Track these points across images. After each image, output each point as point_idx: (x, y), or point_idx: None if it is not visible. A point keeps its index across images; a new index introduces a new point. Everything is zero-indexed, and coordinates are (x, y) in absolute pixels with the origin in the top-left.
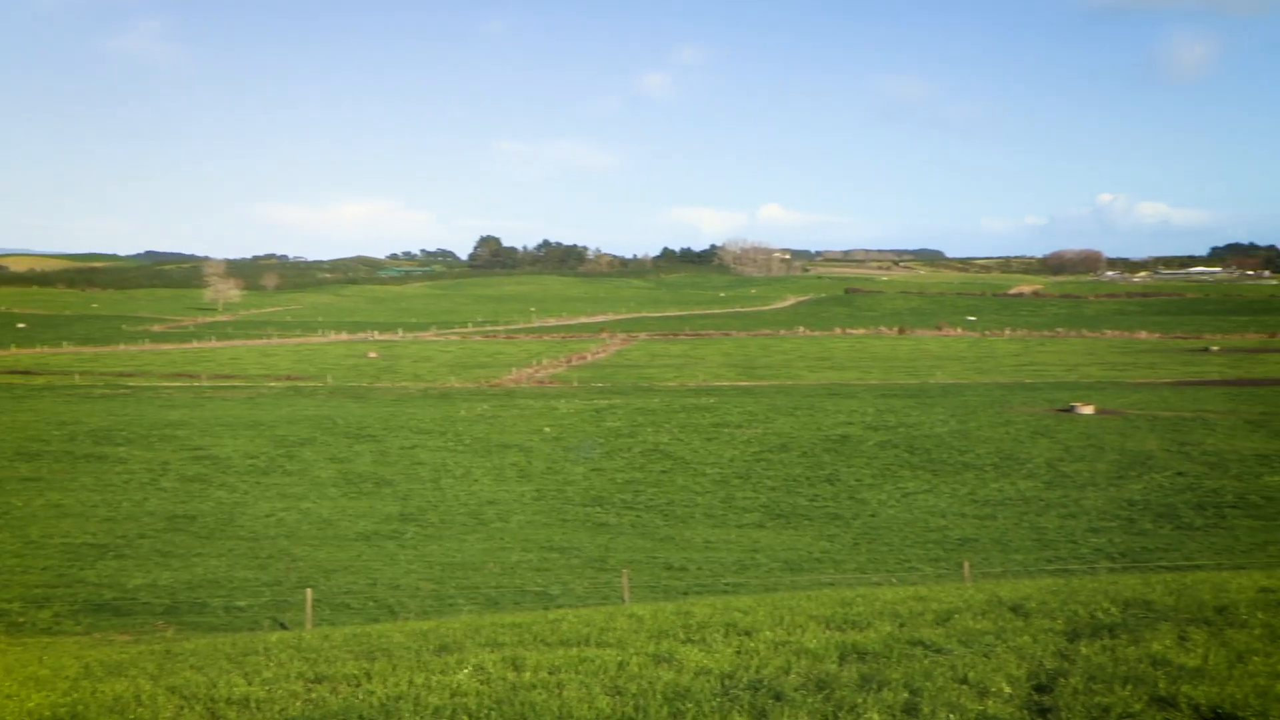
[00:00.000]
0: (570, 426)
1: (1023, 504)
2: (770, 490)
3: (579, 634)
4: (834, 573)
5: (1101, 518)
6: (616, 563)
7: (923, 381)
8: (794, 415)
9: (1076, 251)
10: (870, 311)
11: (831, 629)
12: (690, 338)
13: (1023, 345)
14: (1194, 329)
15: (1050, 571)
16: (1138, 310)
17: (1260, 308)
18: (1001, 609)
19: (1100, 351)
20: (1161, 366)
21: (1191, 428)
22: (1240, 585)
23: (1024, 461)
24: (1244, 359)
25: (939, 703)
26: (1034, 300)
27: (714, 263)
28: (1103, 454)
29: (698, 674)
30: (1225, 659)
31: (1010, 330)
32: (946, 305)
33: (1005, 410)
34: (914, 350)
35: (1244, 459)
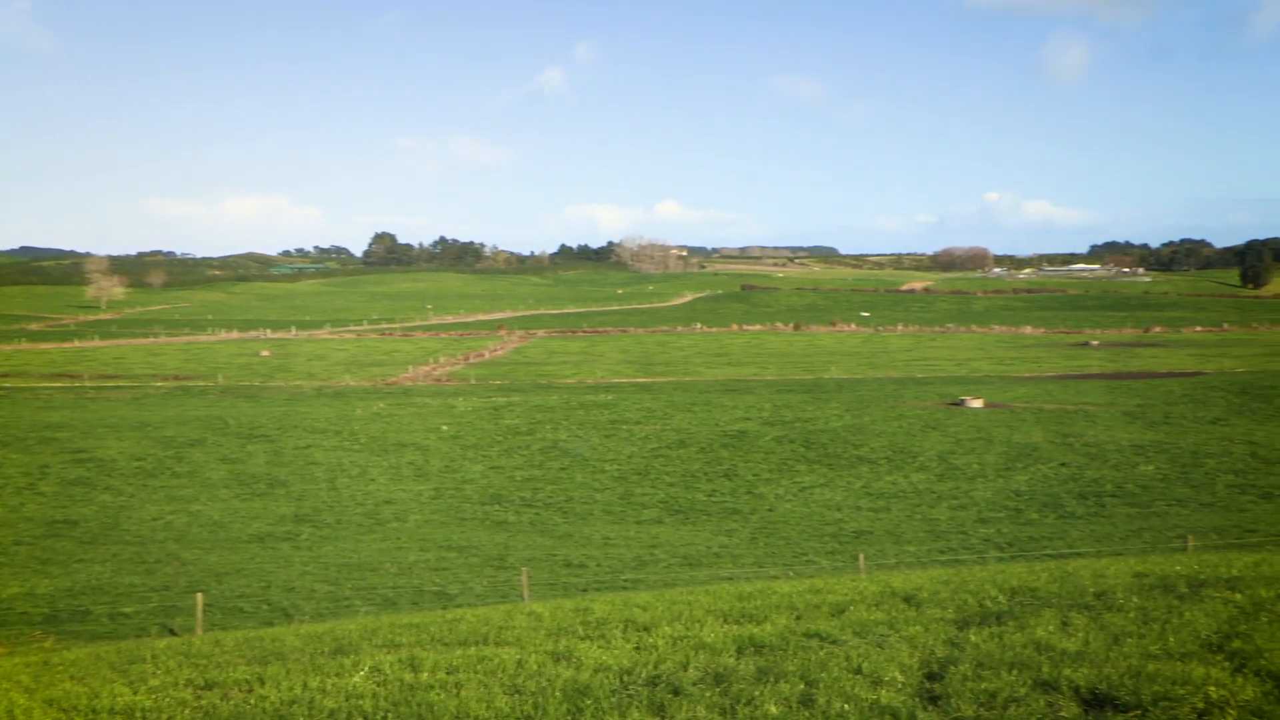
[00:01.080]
0: (468, 425)
1: (915, 496)
2: (669, 486)
3: (477, 633)
4: (732, 567)
5: (990, 508)
6: (515, 561)
7: (818, 377)
8: (692, 411)
9: (965, 249)
10: (766, 308)
11: (729, 623)
12: (588, 335)
13: (914, 340)
14: (1075, 324)
15: (942, 562)
16: (1023, 306)
17: (1135, 304)
18: (895, 600)
19: (988, 346)
20: (1046, 361)
21: (1074, 420)
22: (1117, 571)
23: (916, 455)
24: (1121, 353)
25: (834, 693)
26: (925, 296)
27: (612, 260)
28: (991, 446)
29: (597, 671)
30: (1103, 642)
31: (902, 326)
32: (841, 301)
33: (898, 405)
34: (809, 346)
35: (1122, 449)
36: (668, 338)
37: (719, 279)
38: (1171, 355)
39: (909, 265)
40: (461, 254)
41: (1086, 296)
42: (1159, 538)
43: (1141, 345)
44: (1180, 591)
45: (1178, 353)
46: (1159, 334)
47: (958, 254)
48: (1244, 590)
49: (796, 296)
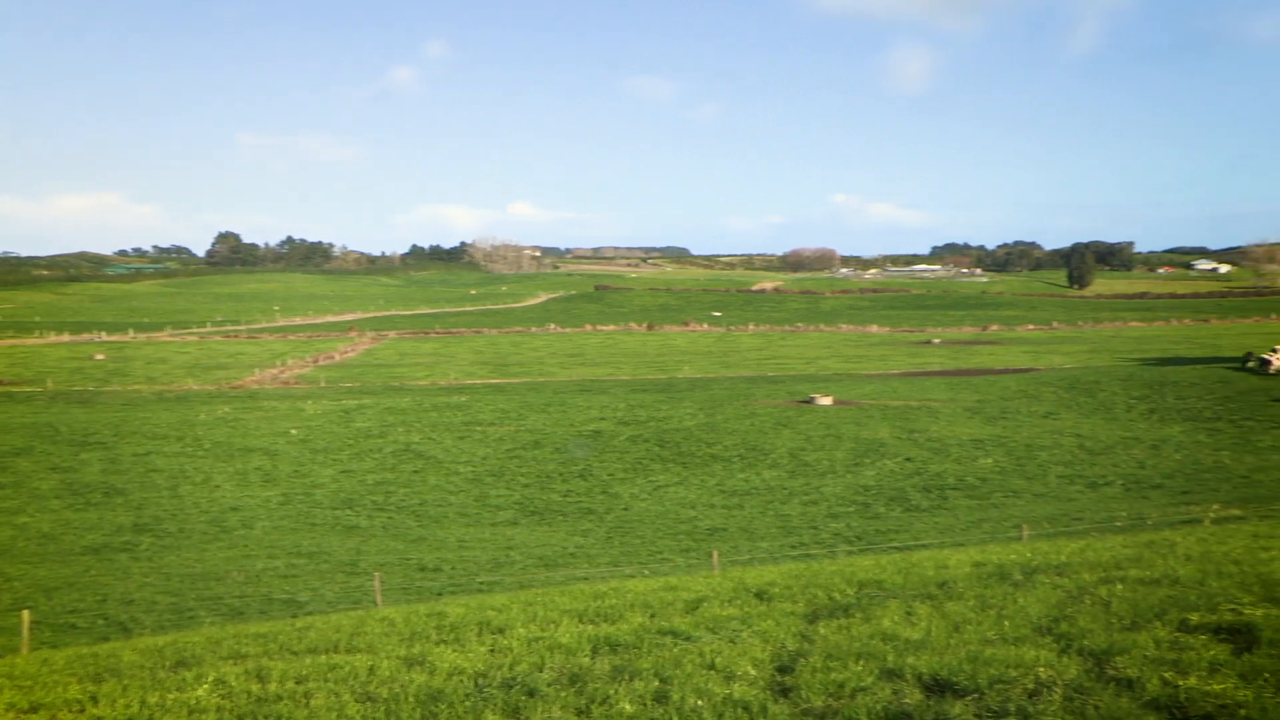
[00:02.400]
0: (318, 428)
1: (767, 493)
2: (524, 487)
3: (328, 641)
4: (588, 567)
5: (840, 503)
6: (368, 566)
7: (671, 376)
8: (546, 412)
9: (814, 250)
10: (620, 308)
11: (585, 623)
12: (441, 335)
13: (765, 340)
14: (918, 323)
15: (793, 557)
16: (869, 305)
17: (973, 303)
18: (747, 595)
19: (837, 345)
20: (891, 358)
21: (918, 416)
22: (958, 561)
23: (768, 452)
24: (961, 350)
25: (688, 689)
26: (775, 296)
27: (464, 260)
28: (840, 443)
29: (451, 675)
30: (944, 630)
31: (754, 325)
32: (693, 301)
33: (750, 403)
34: (663, 346)
35: (962, 444)
36: (522, 338)
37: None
38: (1007, 352)
39: (759, 266)
40: (310, 254)
41: (928, 296)
42: (997, 528)
43: (980, 343)
44: (1015, 579)
45: (1013, 350)
46: (995, 332)
47: (806, 255)
48: (1070, 575)
49: (650, 296)
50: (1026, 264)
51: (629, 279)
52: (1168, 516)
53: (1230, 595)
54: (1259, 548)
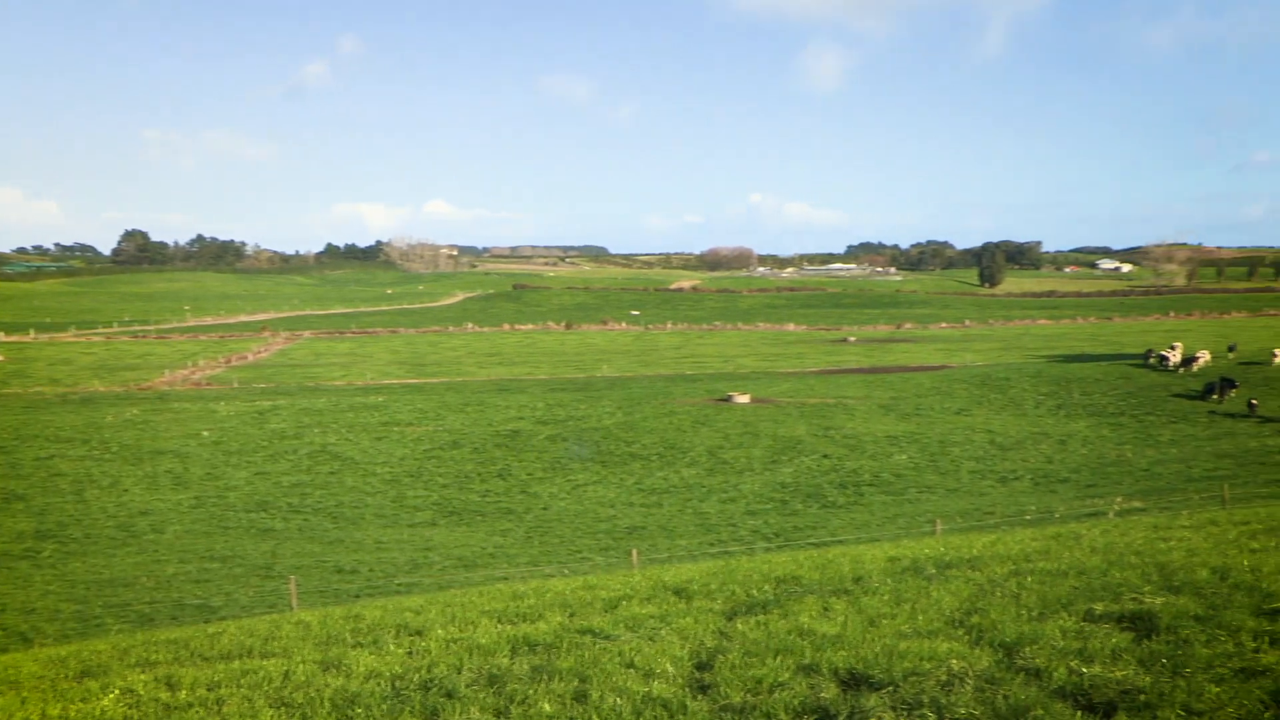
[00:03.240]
0: (231, 430)
1: (686, 491)
2: (443, 488)
3: (241, 646)
4: (507, 567)
5: (758, 500)
6: (284, 569)
7: (590, 375)
8: (465, 412)
9: (731, 249)
10: (538, 307)
11: (504, 623)
12: (357, 335)
13: (683, 338)
14: (834, 321)
15: (712, 554)
16: (786, 304)
17: (888, 301)
18: (666, 593)
19: (754, 343)
20: (808, 356)
21: (834, 413)
22: (874, 556)
23: (686, 450)
24: (876, 348)
25: (607, 688)
26: (693, 295)
27: (380, 259)
28: (758, 440)
29: (368, 678)
30: (860, 624)
31: (672, 324)
32: (611, 300)
33: (668, 401)
34: (581, 345)
35: (878, 440)
36: (439, 338)
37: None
38: (921, 350)
39: (677, 265)
40: (221, 253)
41: (844, 295)
42: (912, 523)
43: (894, 341)
44: (928, 573)
45: (926, 348)
46: (910, 330)
47: (724, 254)
48: (982, 569)
49: (568, 295)
50: (939, 263)
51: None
52: (1074, 509)
53: (1132, 585)
54: (1159, 538)
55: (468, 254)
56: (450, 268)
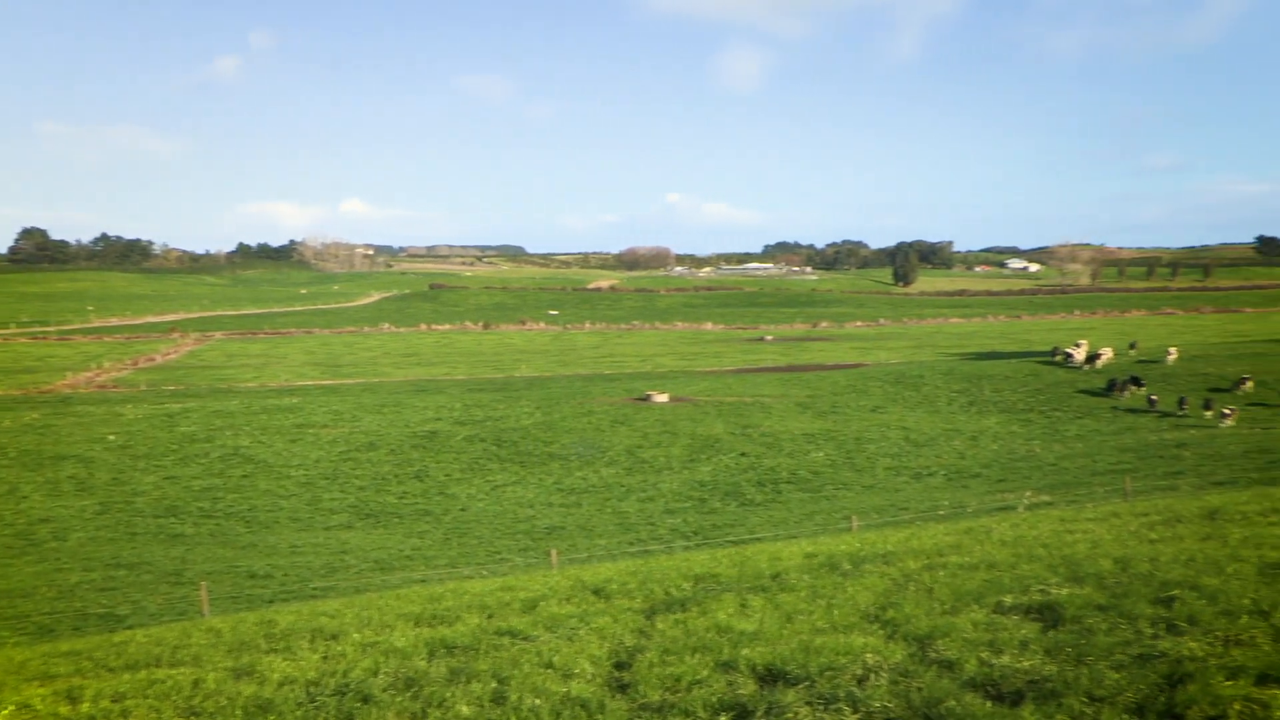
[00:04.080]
0: (138, 433)
1: (605, 490)
2: (359, 490)
3: (149, 655)
4: (425, 569)
5: (676, 499)
6: (194, 575)
7: (508, 375)
8: (381, 413)
9: (649, 248)
10: (455, 307)
11: (421, 626)
12: (271, 336)
13: (602, 338)
14: (751, 320)
15: (631, 553)
16: (704, 303)
17: (804, 300)
18: (585, 593)
19: (672, 343)
20: (725, 355)
21: (751, 411)
22: (791, 553)
23: (605, 450)
24: (793, 347)
25: (526, 689)
26: (611, 295)
27: (294, 259)
28: (676, 439)
29: (281, 684)
30: (778, 620)
31: (590, 324)
32: (529, 300)
33: (587, 401)
34: (499, 345)
35: (795, 438)
36: (355, 338)
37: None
38: (837, 348)
39: (595, 264)
40: (127, 252)
41: (761, 294)
42: (829, 520)
43: (811, 339)
44: (844, 569)
45: (842, 346)
46: (826, 329)
47: (642, 253)
48: (896, 564)
49: (485, 295)
50: (854, 262)
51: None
52: (986, 504)
53: (1040, 577)
54: (1065, 531)
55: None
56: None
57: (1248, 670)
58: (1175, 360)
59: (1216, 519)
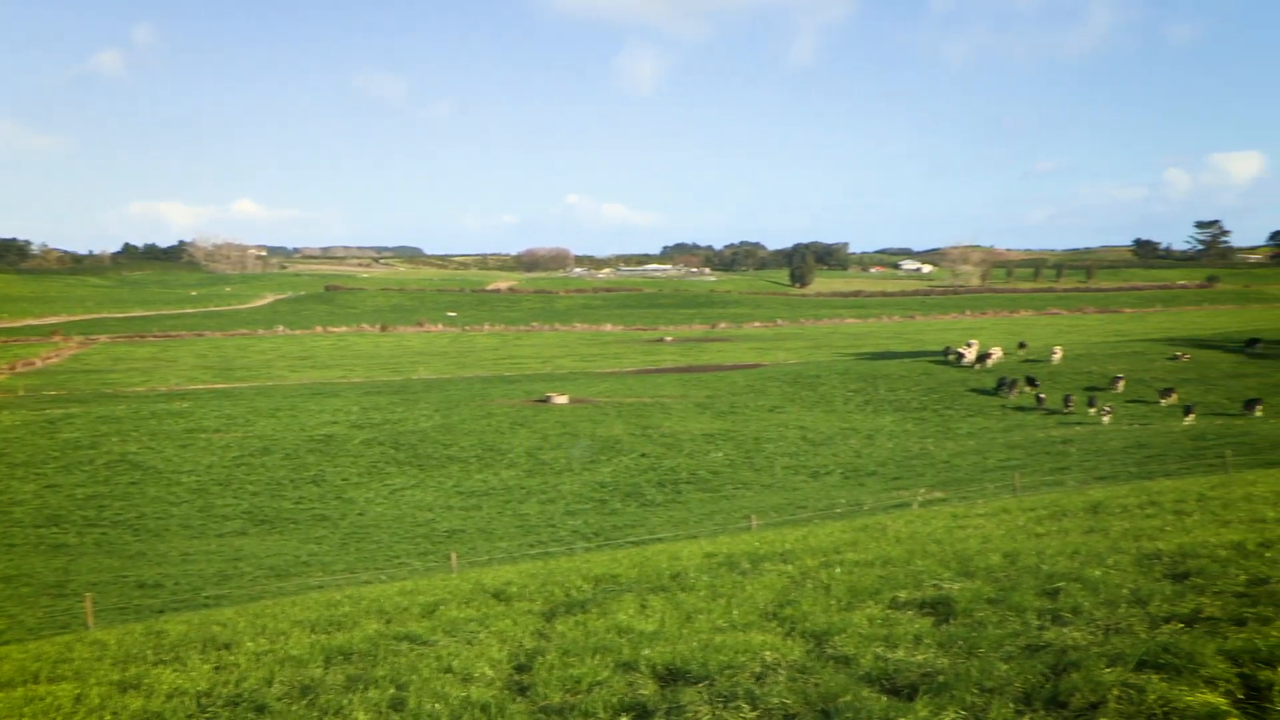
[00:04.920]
0: (16, 440)
1: (505, 493)
2: (253, 496)
3: (26, 671)
4: (322, 575)
5: (577, 500)
6: (78, 586)
7: (406, 378)
8: (276, 417)
9: (548, 249)
10: (352, 309)
11: (317, 633)
12: (160, 339)
13: (501, 340)
14: (651, 321)
15: (532, 555)
16: (603, 305)
17: (702, 301)
18: (485, 596)
19: (572, 344)
20: (625, 356)
21: (651, 412)
22: (690, 552)
23: (505, 452)
24: (692, 348)
25: (425, 694)
26: (510, 296)
27: (184, 260)
28: (577, 441)
29: (170, 697)
30: (677, 620)
31: (489, 325)
32: (427, 302)
33: (486, 403)
34: (397, 347)
35: (694, 438)
36: (248, 341)
37: (302, 280)
38: (735, 349)
39: (494, 265)
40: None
41: (660, 295)
42: (728, 519)
43: (709, 340)
44: (743, 567)
45: (740, 346)
46: (724, 330)
47: (541, 254)
48: (794, 562)
49: (382, 297)
50: (752, 263)
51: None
52: (881, 501)
53: (933, 572)
54: (957, 527)
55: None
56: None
57: (1126, 657)
58: (1061, 359)
59: (1099, 512)
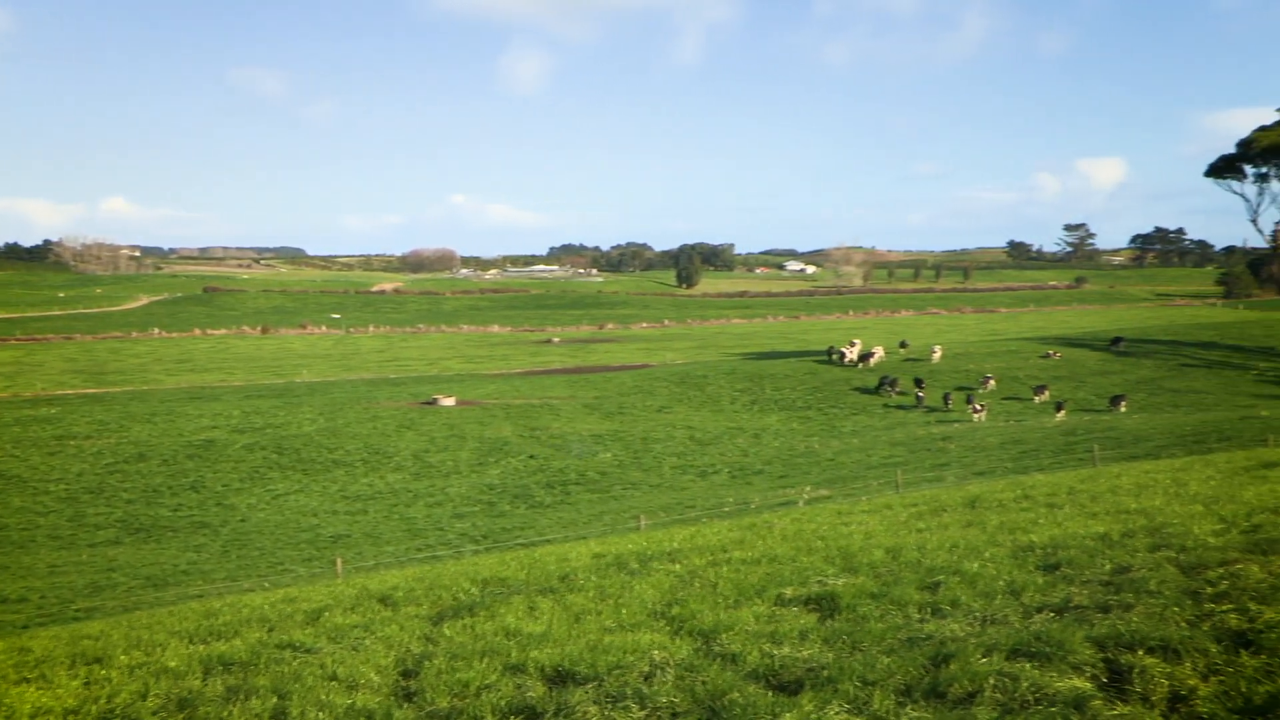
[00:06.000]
0: None
1: (392, 496)
2: (128, 504)
3: None
4: (202, 584)
5: (465, 503)
6: None
7: (289, 381)
8: (152, 422)
9: (434, 250)
10: (232, 311)
11: (196, 643)
12: (24, 342)
13: (386, 341)
14: (539, 322)
15: (419, 559)
16: (490, 306)
17: (590, 302)
18: (371, 601)
19: (459, 345)
20: (513, 358)
21: (539, 414)
22: (579, 554)
23: (392, 455)
24: (580, 348)
25: (309, 703)
26: (396, 298)
27: (50, 260)
28: (464, 443)
29: (34, 716)
30: (566, 622)
31: (374, 327)
32: (310, 303)
33: (372, 406)
34: (279, 349)
35: (583, 439)
36: (121, 344)
37: (178, 281)
38: (623, 350)
39: (379, 266)
40: None
41: (548, 296)
42: (617, 519)
43: (597, 341)
44: (632, 567)
45: (628, 347)
46: (612, 330)
47: (426, 255)
48: (682, 561)
49: (264, 299)
50: (639, 264)
51: (241, 281)
52: (768, 500)
53: (818, 568)
54: (841, 523)
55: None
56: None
57: (1001, 646)
58: (940, 358)
59: (976, 507)
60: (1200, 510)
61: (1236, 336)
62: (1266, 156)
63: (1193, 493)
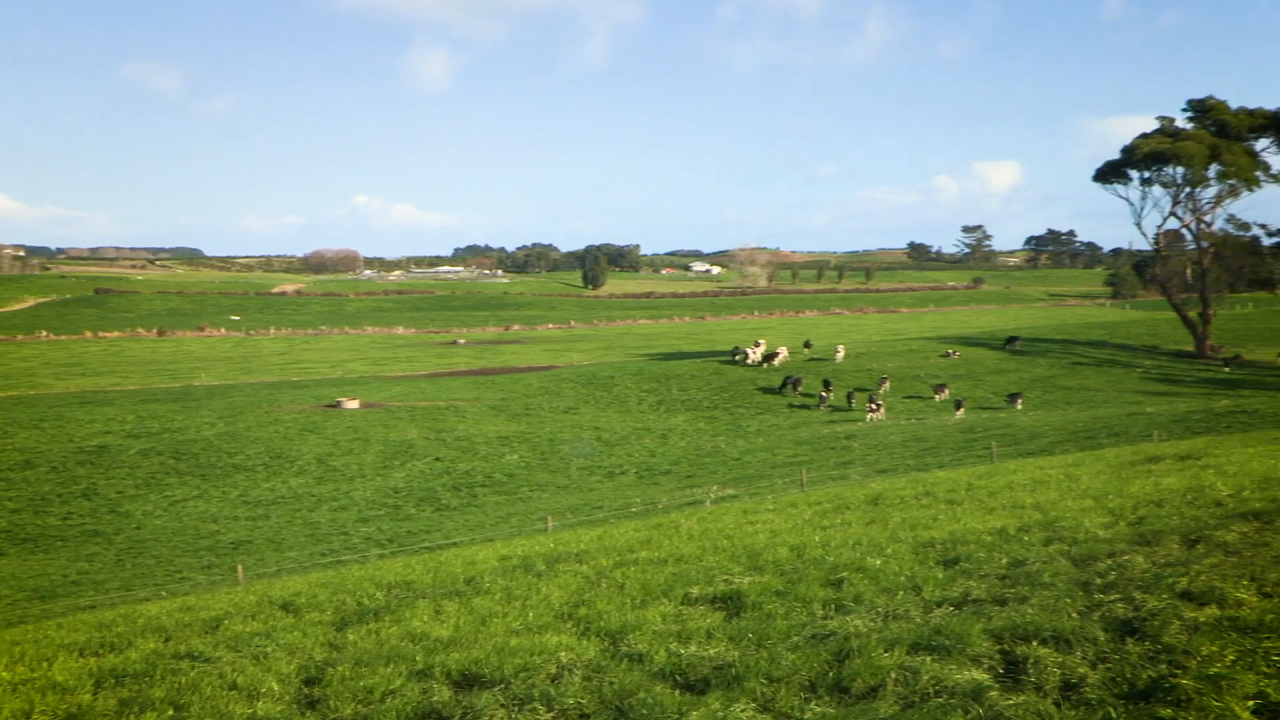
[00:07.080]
0: None
1: (295, 501)
2: (12, 513)
3: None
4: (95, 595)
5: (370, 507)
6: None
7: (187, 384)
8: (40, 428)
9: (336, 251)
10: (125, 313)
11: (87, 656)
12: None
13: (288, 344)
14: (444, 324)
15: (323, 565)
16: (394, 307)
17: (496, 303)
18: (273, 608)
19: (362, 348)
20: (418, 360)
21: (445, 416)
22: (486, 556)
23: (294, 459)
24: (486, 350)
25: (207, 714)
26: (297, 299)
27: None
28: (369, 446)
29: None
30: (472, 625)
31: (275, 329)
32: (209, 305)
33: (274, 409)
34: (176, 352)
35: (490, 441)
36: (6, 348)
37: (67, 282)
38: (529, 351)
39: (280, 267)
40: None
41: (453, 297)
42: (524, 521)
43: (503, 342)
44: (539, 569)
45: (534, 348)
46: (518, 332)
47: (329, 256)
48: (590, 562)
49: (160, 300)
50: (545, 265)
51: (135, 282)
52: (676, 500)
53: (724, 567)
54: (747, 522)
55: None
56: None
57: (902, 641)
58: (844, 358)
59: (879, 504)
60: (1091, 504)
61: (1124, 335)
62: (1148, 162)
63: (1084, 487)
